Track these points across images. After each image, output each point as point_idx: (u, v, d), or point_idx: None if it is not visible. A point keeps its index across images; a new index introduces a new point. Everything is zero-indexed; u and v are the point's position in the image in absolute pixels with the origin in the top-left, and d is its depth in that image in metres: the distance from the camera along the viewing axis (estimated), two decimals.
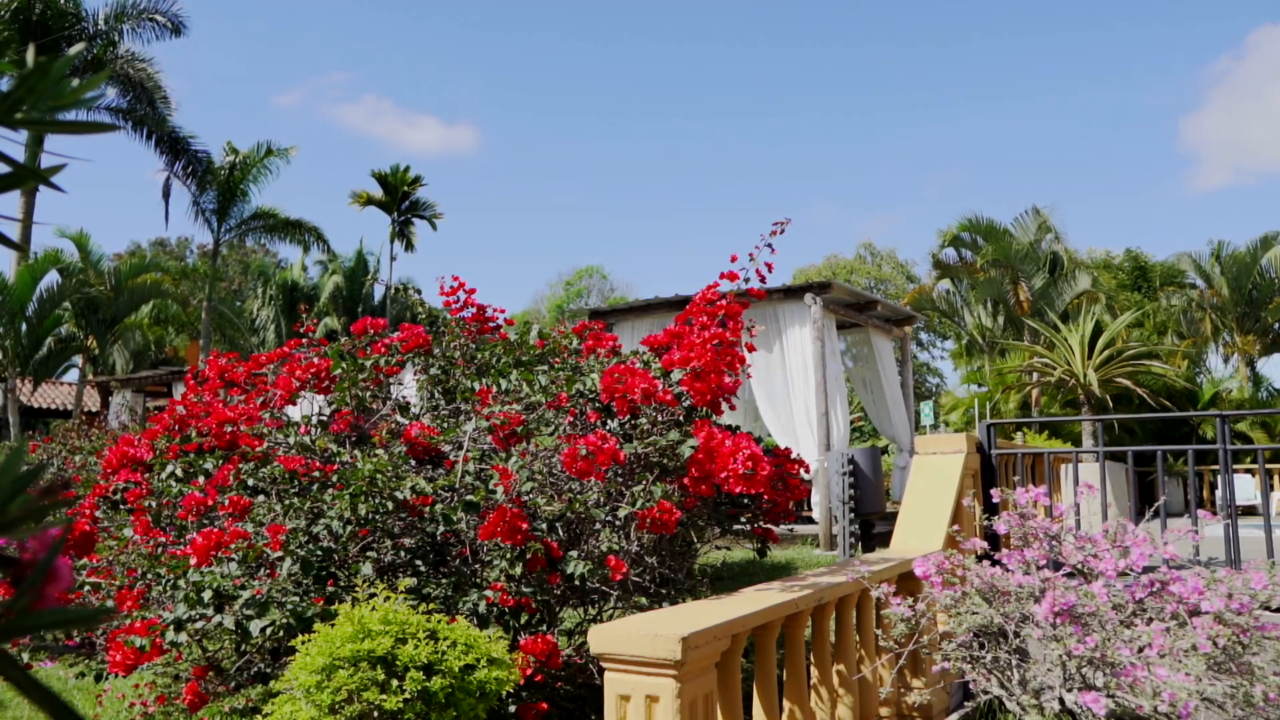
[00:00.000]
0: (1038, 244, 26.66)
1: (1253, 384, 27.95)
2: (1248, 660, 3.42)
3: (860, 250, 46.12)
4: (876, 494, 9.07)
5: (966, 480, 6.31)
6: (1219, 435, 6.65)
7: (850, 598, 4.54)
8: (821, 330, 10.90)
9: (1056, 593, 3.52)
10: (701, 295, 4.33)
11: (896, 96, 71.92)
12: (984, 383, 25.72)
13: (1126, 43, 68.84)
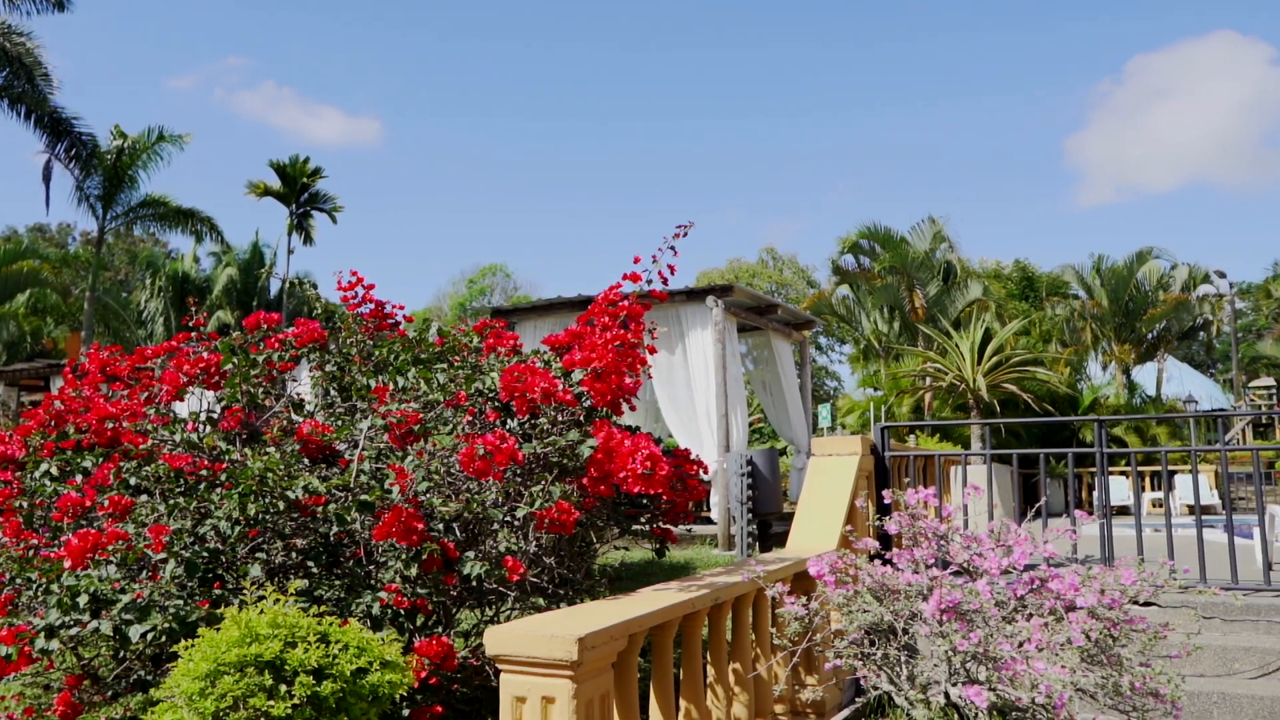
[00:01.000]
0: (933, 253, 27.48)
1: (1128, 390, 29.35)
2: (1117, 652, 3.59)
3: (763, 255, 46.84)
4: (774, 495, 9.22)
5: (861, 481, 6.46)
6: (1096, 439, 6.96)
7: (746, 597, 4.60)
8: (723, 332, 11.02)
9: (943, 591, 3.64)
10: (604, 296, 4.33)
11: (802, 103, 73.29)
12: (880, 386, 26.38)
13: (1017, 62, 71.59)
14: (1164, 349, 32.26)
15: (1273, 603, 6.19)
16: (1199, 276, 31.76)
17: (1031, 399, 20.27)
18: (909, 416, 23.82)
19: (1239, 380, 32.16)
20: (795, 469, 13.05)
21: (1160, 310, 30.05)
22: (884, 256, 27.60)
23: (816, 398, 40.46)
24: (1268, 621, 6.12)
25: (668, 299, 10.99)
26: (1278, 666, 5.83)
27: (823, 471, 6.33)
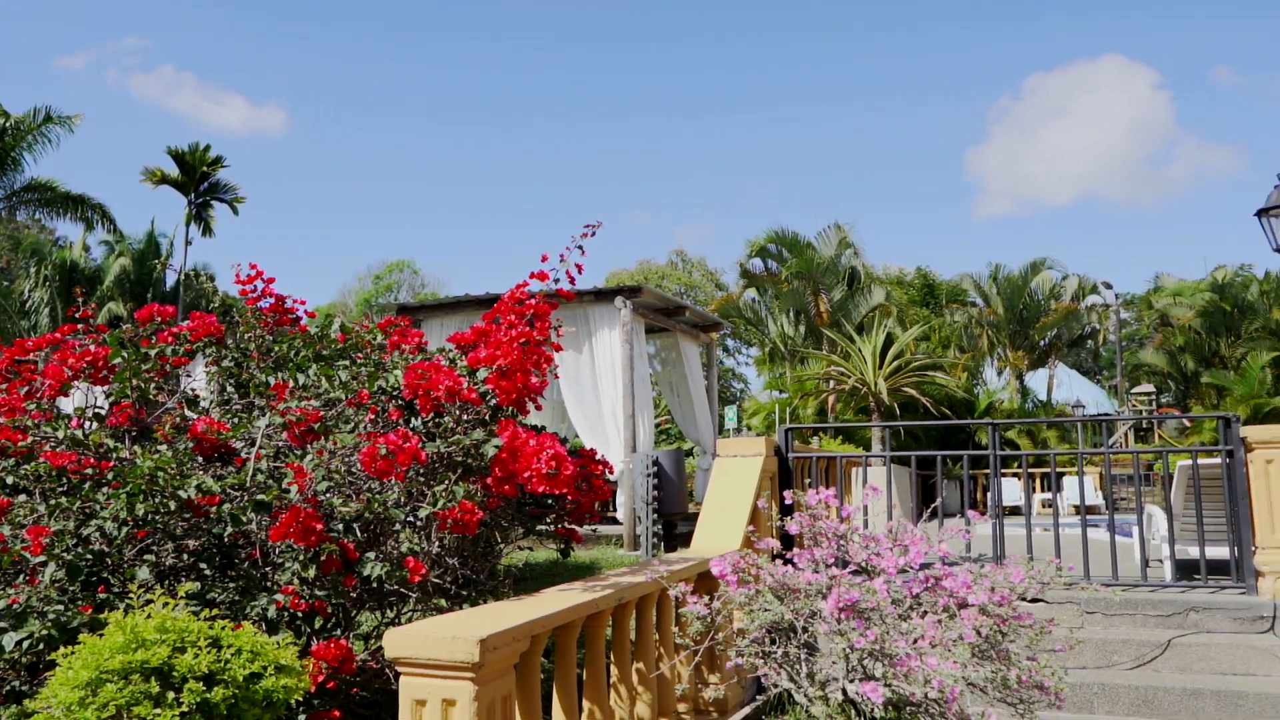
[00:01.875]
0: (838, 258, 28.06)
1: (1021, 395, 30.44)
2: (1006, 647, 3.73)
3: (672, 256, 47.19)
4: (679, 495, 9.28)
5: (764, 482, 6.55)
6: (990, 442, 7.20)
7: (651, 597, 4.62)
8: (630, 333, 11.05)
9: (841, 589, 3.72)
10: (510, 294, 4.30)
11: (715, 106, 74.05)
12: (785, 389, 26.80)
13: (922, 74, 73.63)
14: (1055, 356, 33.57)
15: (1148, 597, 6.49)
16: (1088, 287, 33.15)
17: (930, 402, 20.85)
18: (813, 419, 24.26)
19: (1123, 386, 33.65)
20: (701, 470, 13.17)
21: (1052, 319, 31.26)
22: (791, 261, 28.06)
23: (723, 399, 40.90)
24: (1143, 615, 6.41)
25: (575, 298, 10.98)
26: (1152, 657, 6.12)
27: (727, 472, 6.40)
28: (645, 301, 11.73)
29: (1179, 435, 29.06)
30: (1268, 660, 5.99)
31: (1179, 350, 33.24)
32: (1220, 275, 34.08)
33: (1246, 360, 28.88)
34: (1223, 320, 31.88)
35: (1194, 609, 6.36)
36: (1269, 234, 11.63)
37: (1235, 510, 6.64)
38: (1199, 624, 6.31)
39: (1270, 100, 72.57)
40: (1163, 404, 35.14)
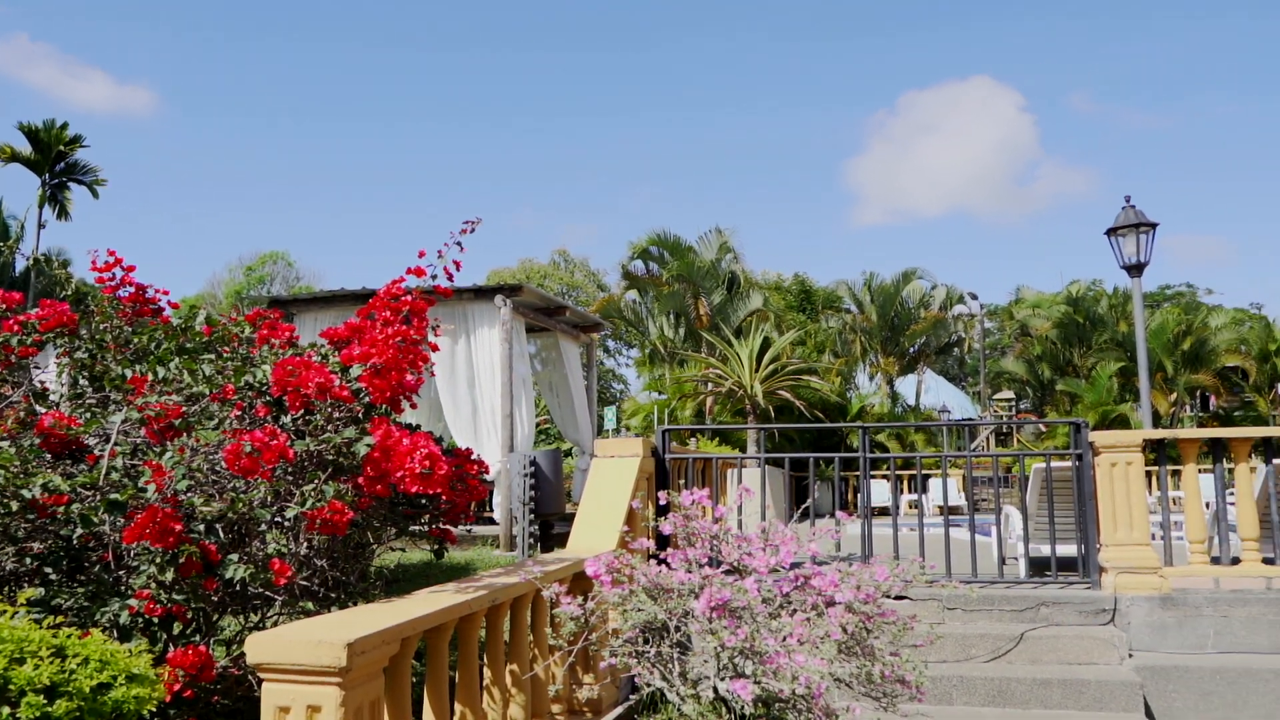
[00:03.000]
0: (719, 262, 28.48)
1: (891, 400, 31.49)
2: (871, 643, 3.85)
3: (555, 256, 47.03)
4: (557, 495, 9.26)
5: (641, 483, 6.59)
6: (861, 445, 7.42)
7: (525, 598, 4.59)
8: (510, 332, 10.97)
9: (714, 589, 3.77)
10: (386, 290, 4.21)
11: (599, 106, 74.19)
12: (664, 390, 27.05)
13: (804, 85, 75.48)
14: (924, 362, 34.89)
15: (1004, 593, 6.81)
16: (955, 297, 34.56)
17: (804, 405, 21.37)
18: (691, 420, 24.56)
19: (985, 393, 35.23)
20: (579, 470, 13.17)
21: (921, 326, 32.48)
22: (672, 264, 28.34)
23: (603, 400, 40.98)
24: (999, 610, 6.72)
25: (453, 295, 10.83)
26: (1006, 650, 6.42)
27: (604, 473, 6.42)
28: (526, 300, 11.66)
29: (1036, 439, 30.60)
30: (1108, 650, 6.35)
31: (1037, 359, 35.00)
32: (1074, 289, 36.07)
33: (1096, 369, 30.61)
34: (1076, 332, 33.72)
35: (1045, 604, 6.69)
36: (1117, 252, 12.37)
37: (1084, 510, 7.02)
38: (1049, 618, 6.65)
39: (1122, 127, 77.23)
40: (1021, 410, 36.95)
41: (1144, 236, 12.12)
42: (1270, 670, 6.16)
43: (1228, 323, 32.47)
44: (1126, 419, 27.16)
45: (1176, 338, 30.79)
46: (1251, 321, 33.52)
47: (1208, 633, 6.56)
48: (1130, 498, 6.79)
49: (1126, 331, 31.22)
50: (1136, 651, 6.53)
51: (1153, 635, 6.59)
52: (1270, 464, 7.11)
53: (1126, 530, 6.76)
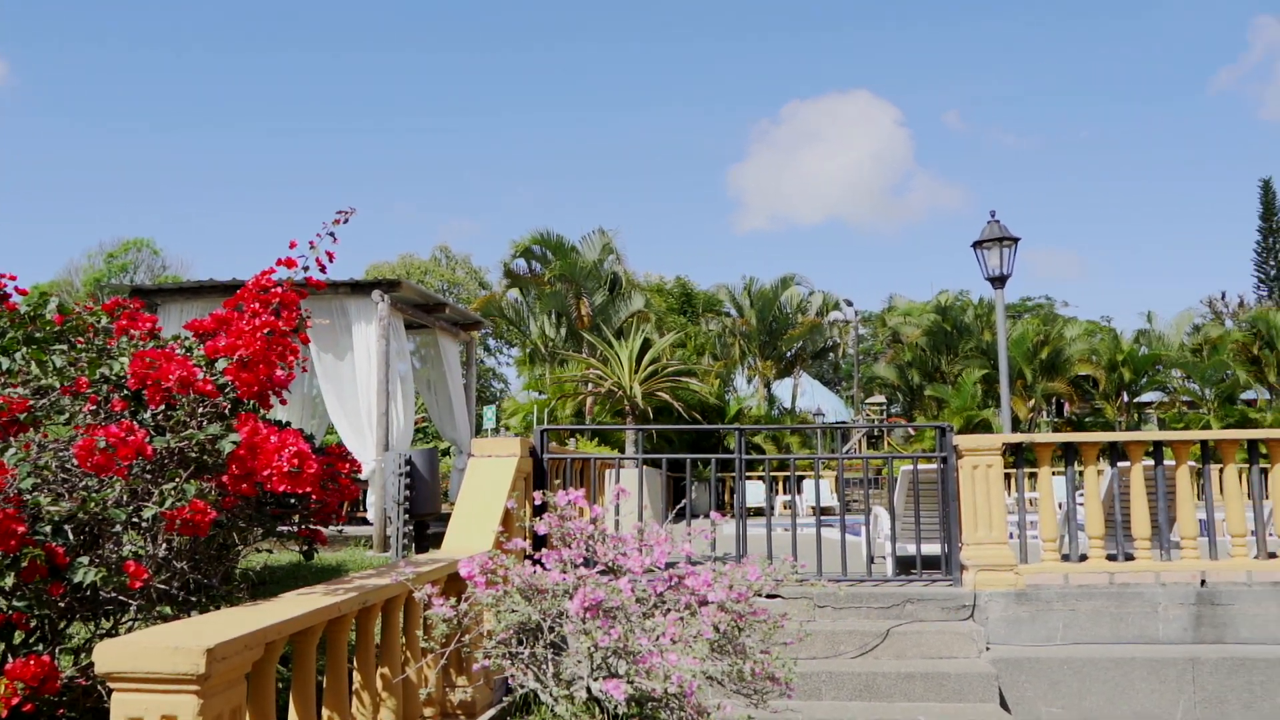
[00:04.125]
0: (601, 263, 28.52)
1: (768, 402, 32.14)
2: (742, 642, 3.91)
3: (436, 252, 46.28)
4: (433, 495, 9.11)
5: (518, 483, 6.55)
6: (737, 446, 7.55)
7: (398, 599, 4.50)
8: (388, 328, 10.74)
9: (587, 589, 3.77)
10: (255, 281, 4.05)
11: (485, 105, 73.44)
12: (544, 390, 26.93)
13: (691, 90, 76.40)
14: (800, 366, 35.74)
15: (872, 591, 7.03)
16: (831, 304, 35.54)
17: (683, 407, 21.60)
18: (571, 420, 24.52)
19: (858, 397, 36.30)
20: (457, 469, 12.99)
21: (799, 331, 33.26)
22: (555, 264, 28.25)
23: (483, 399, 40.57)
24: (867, 608, 6.93)
25: (325, 287, 10.40)
26: (874, 646, 6.62)
27: (480, 472, 6.35)
28: (404, 296, 11.43)
29: (905, 442, 31.69)
30: (967, 644, 6.63)
31: (907, 365, 36.25)
32: (943, 299, 37.51)
33: (962, 376, 31.91)
34: (944, 339, 35.08)
35: (910, 600, 6.94)
36: (982, 264, 12.93)
37: (947, 511, 7.31)
38: (914, 614, 6.90)
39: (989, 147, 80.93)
40: (892, 414, 38.24)
41: (1007, 250, 12.71)
42: (1110, 659, 6.54)
43: (1081, 334, 34.32)
44: (989, 423, 28.41)
45: (1035, 347, 32.36)
46: (1102, 333, 35.51)
47: (1057, 626, 6.92)
48: (990, 499, 7.10)
49: (990, 340, 32.66)
50: (994, 645, 6.83)
51: (1008, 629, 6.91)
52: (1115, 467, 7.54)
53: (986, 530, 7.06)
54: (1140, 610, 6.92)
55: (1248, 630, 6.87)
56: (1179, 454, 7.30)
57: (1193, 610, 6.90)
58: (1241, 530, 7.17)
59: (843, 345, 38.78)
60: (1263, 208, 58.87)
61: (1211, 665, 6.50)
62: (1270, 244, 58.42)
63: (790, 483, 7.67)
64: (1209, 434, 7.34)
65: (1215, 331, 35.29)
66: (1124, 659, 6.55)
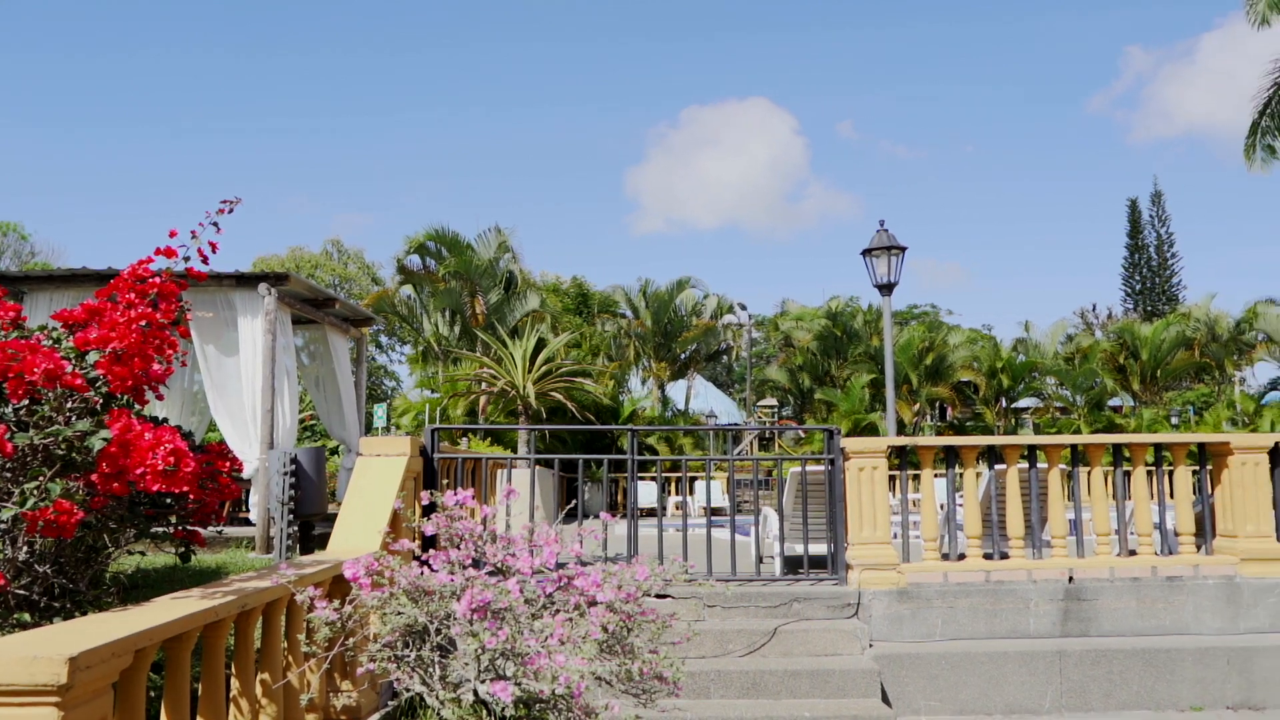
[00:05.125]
0: (497, 261, 28.27)
1: (662, 404, 32.35)
2: (631, 642, 3.92)
3: (328, 246, 45.11)
4: (319, 495, 8.87)
5: (408, 483, 6.43)
6: (629, 447, 7.57)
7: (280, 602, 4.36)
8: (274, 323, 10.42)
9: (475, 590, 3.72)
10: (131, 270, 3.87)
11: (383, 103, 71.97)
12: (437, 389, 26.56)
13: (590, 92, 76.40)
14: (694, 368, 36.10)
15: (760, 590, 7.14)
16: (726, 307, 36.01)
17: (577, 407, 21.58)
18: (464, 419, 24.24)
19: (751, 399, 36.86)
20: (344, 469, 12.68)
21: (693, 334, 33.59)
22: (450, 260, 27.87)
23: (374, 397, 39.73)
24: (755, 607, 7.04)
25: (206, 279, 10.06)
26: (761, 644, 6.73)
27: (369, 472, 6.21)
28: (293, 290, 11.10)
29: (795, 445, 32.32)
30: (851, 641, 6.80)
31: (798, 369, 37.01)
32: (834, 305, 38.41)
33: (851, 380, 32.75)
34: (834, 344, 35.94)
35: (797, 599, 7.07)
36: (870, 271, 13.27)
37: (834, 512, 7.48)
38: (801, 613, 7.04)
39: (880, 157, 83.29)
40: (783, 416, 38.97)
41: (894, 259, 13.08)
42: (985, 654, 6.80)
43: (964, 341, 35.61)
44: (876, 427, 29.22)
45: (921, 353, 33.43)
46: (983, 341, 36.90)
47: (936, 622, 7.15)
48: (875, 500, 7.29)
49: (878, 346, 33.60)
50: (876, 641, 7.02)
51: (890, 626, 7.11)
52: (992, 469, 7.84)
53: (871, 530, 7.25)
54: (1013, 606, 7.21)
55: (1109, 623, 7.23)
56: (1051, 457, 7.63)
57: (1061, 606, 7.22)
58: (1106, 530, 7.54)
59: (736, 348, 39.34)
60: (1130, 225, 62.23)
61: (1076, 657, 6.82)
62: (1136, 260, 61.76)
63: (682, 484, 7.73)
64: (1078, 438, 7.70)
65: (1086, 341, 37.11)
66: (998, 653, 6.82)
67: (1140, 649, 6.90)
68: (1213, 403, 32.81)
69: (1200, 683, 6.85)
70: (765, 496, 15.14)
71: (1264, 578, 7.36)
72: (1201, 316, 35.15)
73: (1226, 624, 7.29)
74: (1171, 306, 52.53)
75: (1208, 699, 6.84)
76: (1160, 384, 34.10)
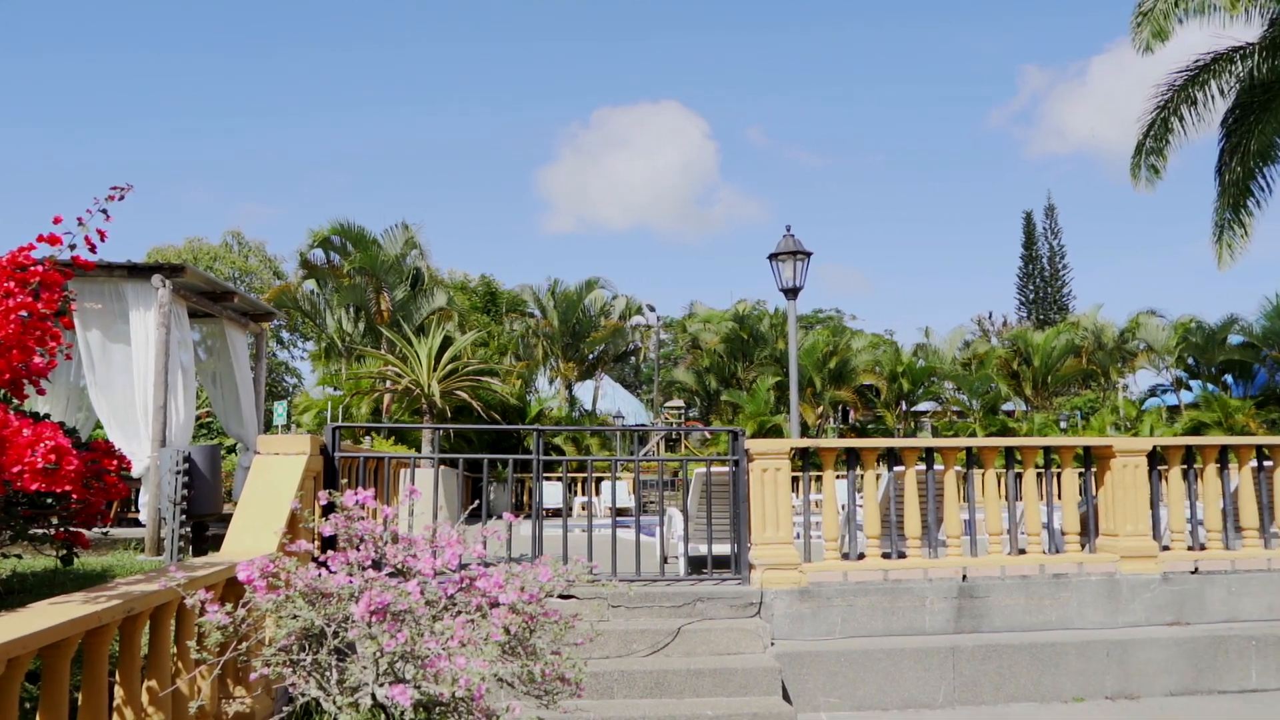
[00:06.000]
0: (404, 258, 27.80)
1: (569, 404, 32.30)
2: (533, 643, 3.90)
3: (228, 238, 43.69)
4: (214, 495, 8.60)
5: (307, 482, 6.28)
6: (535, 447, 7.53)
7: (169, 606, 4.20)
8: (169, 316, 10.05)
9: (374, 592, 3.65)
10: (10, 257, 3.68)
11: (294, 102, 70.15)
12: (340, 386, 25.99)
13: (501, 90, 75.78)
14: (602, 369, 36.11)
15: (665, 590, 7.18)
16: (634, 308, 36.09)
17: (483, 407, 21.37)
18: (368, 418, 23.79)
19: (658, 401, 37.06)
20: (242, 468, 12.31)
21: (601, 334, 33.58)
22: (355, 256, 27.30)
23: (274, 394, 38.70)
24: (660, 607, 7.07)
25: (105, 272, 9.76)
26: (665, 644, 6.76)
27: (266, 471, 6.04)
28: (189, 283, 10.72)
29: (701, 446, 32.60)
30: (754, 640, 6.88)
31: (705, 371, 37.35)
32: (741, 308, 38.87)
33: (757, 382, 33.20)
34: (741, 347, 36.37)
35: (701, 599, 7.13)
36: (776, 276, 13.48)
37: (738, 512, 7.56)
38: (704, 612, 7.10)
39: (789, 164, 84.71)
40: (690, 417, 39.28)
41: (800, 263, 13.31)
42: (882, 650, 6.96)
43: (866, 346, 36.45)
44: (780, 429, 29.66)
45: (825, 357, 34.08)
46: (884, 346, 37.83)
47: (836, 620, 7.30)
48: (778, 500, 7.40)
49: (784, 349, 34.13)
50: (778, 640, 7.13)
51: (792, 625, 7.22)
52: (892, 471, 8.04)
53: (774, 530, 7.36)
54: (910, 604, 7.41)
55: (1000, 619, 7.48)
56: (947, 459, 7.86)
57: (955, 603, 7.44)
58: (998, 529, 7.80)
59: (644, 349, 39.48)
60: (1025, 236, 64.67)
61: (969, 652, 7.04)
62: (1030, 270, 64.19)
63: (589, 484, 7.74)
64: (973, 441, 7.95)
65: (983, 348, 38.37)
66: (895, 650, 6.99)
67: (1028, 643, 7.16)
68: (1099, 408, 34.27)
69: (1082, 674, 7.14)
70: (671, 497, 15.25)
71: (1141, 574, 7.71)
72: (1089, 326, 36.67)
73: (1107, 618, 7.61)
74: (1062, 315, 54.70)
75: (1088, 690, 7.13)
76: (1051, 389, 35.44)
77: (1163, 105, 21.57)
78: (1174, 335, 32.63)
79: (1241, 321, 30.05)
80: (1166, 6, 19.30)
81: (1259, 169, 21.77)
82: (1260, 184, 21.86)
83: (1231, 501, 8.58)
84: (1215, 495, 8.24)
